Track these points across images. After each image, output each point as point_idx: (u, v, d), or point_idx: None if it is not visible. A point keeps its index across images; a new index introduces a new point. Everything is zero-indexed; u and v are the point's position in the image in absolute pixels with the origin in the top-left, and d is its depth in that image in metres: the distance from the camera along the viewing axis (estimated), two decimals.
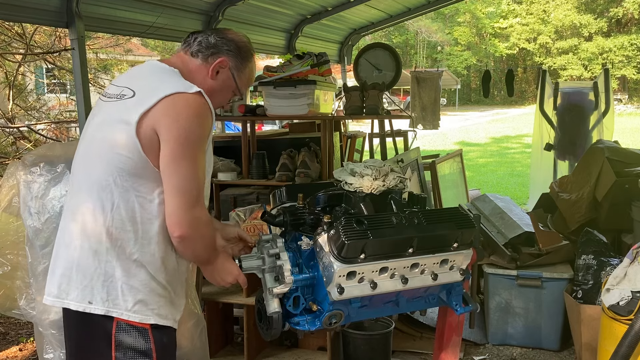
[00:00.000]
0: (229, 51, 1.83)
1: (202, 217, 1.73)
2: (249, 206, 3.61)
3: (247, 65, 1.88)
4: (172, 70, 1.79)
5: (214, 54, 1.82)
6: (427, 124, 5.17)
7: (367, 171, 2.03)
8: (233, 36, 1.86)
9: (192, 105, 1.67)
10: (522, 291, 3.68)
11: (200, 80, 1.80)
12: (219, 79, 1.84)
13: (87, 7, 3.65)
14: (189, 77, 1.79)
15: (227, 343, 3.67)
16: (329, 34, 6.91)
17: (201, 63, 1.82)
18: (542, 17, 38.86)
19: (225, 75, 1.85)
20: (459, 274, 1.99)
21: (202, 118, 1.69)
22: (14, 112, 6.14)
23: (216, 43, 1.82)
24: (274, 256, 1.88)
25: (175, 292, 1.84)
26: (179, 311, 1.87)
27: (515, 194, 9.25)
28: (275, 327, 1.86)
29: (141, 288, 1.74)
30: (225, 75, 1.85)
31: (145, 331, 1.74)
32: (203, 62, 1.82)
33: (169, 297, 1.81)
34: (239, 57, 1.85)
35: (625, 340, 2.39)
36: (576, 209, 4.16)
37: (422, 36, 39.19)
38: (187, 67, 1.82)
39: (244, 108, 3.65)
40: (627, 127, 19.38)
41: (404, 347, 3.66)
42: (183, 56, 1.85)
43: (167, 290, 1.80)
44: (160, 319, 1.77)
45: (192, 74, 1.81)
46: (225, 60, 1.83)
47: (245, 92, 1.97)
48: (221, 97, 1.90)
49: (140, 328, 1.74)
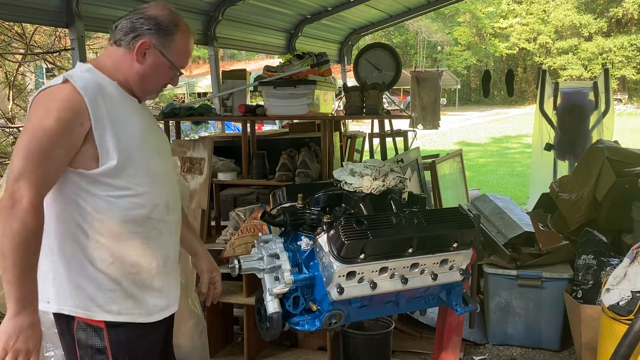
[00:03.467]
0: (149, 30, 1.74)
1: (22, 196, 1.55)
2: (249, 206, 3.61)
3: (174, 37, 1.78)
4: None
5: (135, 37, 1.73)
6: (427, 124, 5.17)
7: (367, 171, 2.03)
8: (152, 12, 1.77)
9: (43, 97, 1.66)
10: (522, 291, 3.68)
11: (127, 68, 1.75)
12: (147, 62, 1.75)
13: (87, 7, 3.65)
14: (116, 71, 1.75)
15: (227, 343, 3.67)
16: (329, 34, 6.92)
17: (125, 50, 1.75)
18: (542, 17, 38.87)
19: (153, 56, 1.75)
20: (458, 274, 1.99)
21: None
22: (14, 112, 6.15)
23: (134, 26, 1.74)
24: (274, 256, 1.88)
25: (138, 286, 1.76)
26: (145, 306, 1.77)
27: (515, 194, 9.25)
28: (275, 327, 1.86)
29: (86, 285, 1.70)
30: (152, 55, 1.75)
31: (100, 329, 1.72)
32: (126, 49, 1.75)
33: (123, 292, 1.73)
34: (162, 32, 1.75)
35: (625, 340, 2.39)
36: (576, 209, 4.16)
37: (422, 36, 39.18)
38: (113, 61, 1.76)
39: (244, 108, 3.65)
40: (627, 127, 19.38)
41: (404, 347, 3.66)
42: (109, 49, 1.80)
43: (121, 285, 1.73)
44: (111, 315, 1.72)
45: (118, 64, 1.75)
46: (147, 41, 1.73)
47: (184, 63, 1.84)
48: (157, 78, 1.81)
49: (94, 326, 1.72)
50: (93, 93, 1.66)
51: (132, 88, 1.78)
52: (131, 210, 1.72)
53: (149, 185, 1.76)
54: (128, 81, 1.77)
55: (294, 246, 1.93)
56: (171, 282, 1.88)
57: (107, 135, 1.66)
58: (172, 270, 1.88)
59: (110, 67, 1.76)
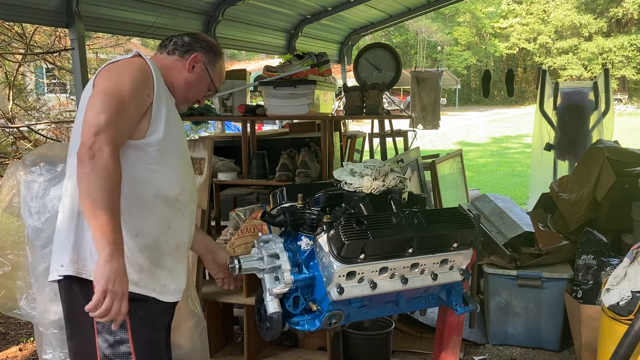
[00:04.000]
0: (202, 48, 2.02)
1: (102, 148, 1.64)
2: (249, 206, 3.61)
3: (218, 61, 2.07)
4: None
5: (189, 50, 1.99)
6: (427, 124, 5.17)
7: (367, 171, 2.03)
8: (204, 37, 2.07)
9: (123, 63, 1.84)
10: (522, 291, 3.68)
11: (177, 73, 1.97)
12: (195, 73, 2.00)
13: (87, 7, 3.65)
14: (166, 73, 1.94)
15: (227, 343, 3.67)
16: (329, 34, 6.92)
17: (177, 59, 1.99)
18: (542, 17, 38.87)
19: (200, 69, 2.01)
20: (458, 274, 1.99)
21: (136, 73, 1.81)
22: (14, 112, 6.15)
23: (190, 42, 2.01)
24: (274, 256, 1.89)
25: (154, 263, 1.83)
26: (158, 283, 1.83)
27: (515, 194, 9.25)
28: (275, 327, 1.86)
29: None
30: (199, 69, 2.01)
31: None
32: (179, 58, 1.99)
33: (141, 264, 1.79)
34: (211, 53, 2.03)
35: (625, 340, 2.39)
36: (576, 209, 4.16)
37: (422, 36, 39.18)
38: (164, 64, 1.97)
39: (244, 108, 3.65)
40: (627, 127, 19.38)
41: (404, 347, 3.66)
42: (159, 56, 2.01)
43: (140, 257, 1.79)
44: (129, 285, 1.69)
45: (169, 69, 1.96)
46: (199, 55, 2.00)
47: (220, 86, 2.13)
48: (197, 90, 2.04)
49: None
50: (156, 72, 1.86)
51: (176, 92, 1.97)
52: (164, 189, 1.84)
53: (182, 169, 1.92)
54: (174, 84, 1.96)
55: (294, 246, 1.93)
56: (180, 269, 1.95)
57: (161, 110, 1.83)
58: (183, 256, 1.97)
59: (161, 67, 1.93)
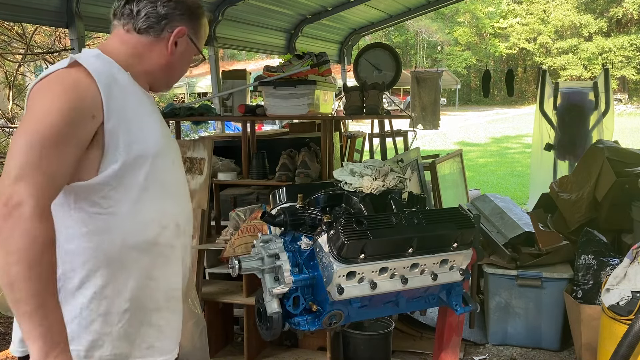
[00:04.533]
0: (182, 15, 1.54)
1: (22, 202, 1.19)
2: (249, 206, 3.61)
3: (201, 21, 1.60)
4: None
5: (167, 24, 1.52)
6: (427, 124, 5.17)
7: (366, 171, 2.03)
8: None
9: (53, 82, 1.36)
10: (522, 291, 3.68)
11: (155, 59, 1.53)
12: (178, 51, 1.56)
13: (87, 7, 3.65)
14: (138, 62, 1.51)
15: (227, 343, 3.67)
16: (329, 34, 6.92)
17: (153, 40, 1.52)
18: (542, 17, 38.86)
19: (184, 44, 1.57)
20: (458, 274, 1.99)
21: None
22: (14, 112, 6.15)
23: (167, 12, 1.51)
24: (274, 256, 1.88)
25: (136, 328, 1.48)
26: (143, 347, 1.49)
27: (515, 194, 9.25)
28: (275, 327, 1.86)
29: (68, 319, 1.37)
30: (184, 44, 1.57)
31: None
32: (155, 39, 1.52)
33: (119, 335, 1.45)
34: (193, 17, 1.57)
35: (625, 340, 2.39)
36: (576, 209, 4.16)
37: (422, 36, 39.17)
38: (133, 51, 1.51)
39: (244, 108, 3.65)
40: (627, 127, 19.38)
41: (404, 347, 3.66)
42: (124, 36, 1.52)
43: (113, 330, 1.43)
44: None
45: (143, 57, 1.52)
46: (183, 29, 1.54)
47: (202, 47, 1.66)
48: (182, 68, 1.62)
49: None
50: (107, 80, 1.38)
51: (155, 80, 1.57)
52: (134, 234, 1.42)
53: (162, 199, 1.48)
54: (153, 73, 1.54)
55: (294, 246, 1.92)
56: (174, 320, 1.58)
57: (119, 132, 1.37)
58: (176, 304, 1.59)
59: (126, 55, 1.50)
